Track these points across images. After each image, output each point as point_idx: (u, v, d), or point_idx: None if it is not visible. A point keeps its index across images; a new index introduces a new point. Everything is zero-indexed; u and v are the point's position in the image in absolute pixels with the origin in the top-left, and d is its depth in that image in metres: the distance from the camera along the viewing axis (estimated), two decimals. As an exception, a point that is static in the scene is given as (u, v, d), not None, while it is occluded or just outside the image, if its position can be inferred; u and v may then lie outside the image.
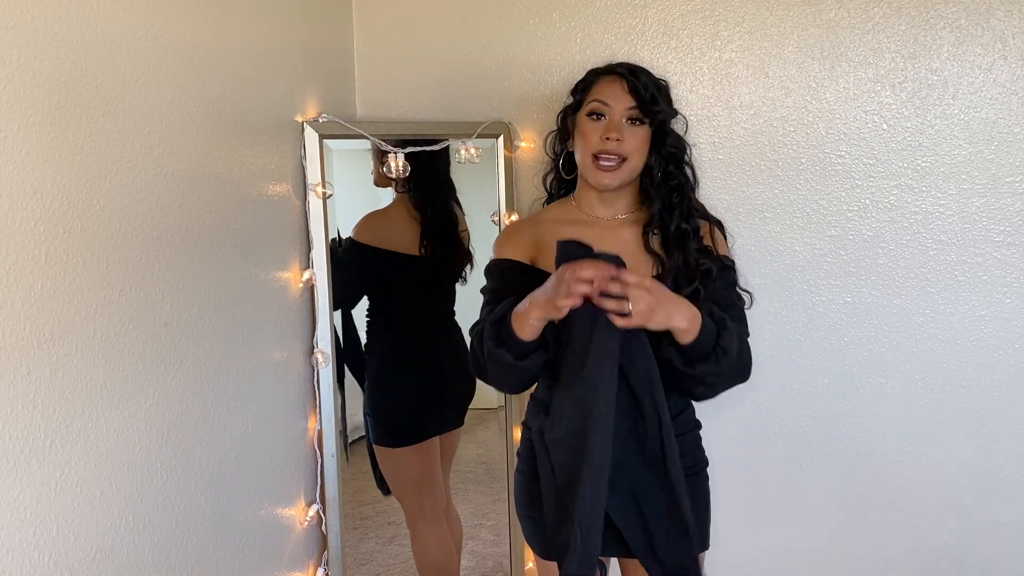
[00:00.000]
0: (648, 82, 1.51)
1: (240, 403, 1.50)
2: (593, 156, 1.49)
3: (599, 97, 1.51)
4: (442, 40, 1.98)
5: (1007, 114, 1.84)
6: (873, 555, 2.04)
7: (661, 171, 1.53)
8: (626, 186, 1.54)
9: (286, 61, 1.69)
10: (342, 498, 1.86)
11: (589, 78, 1.56)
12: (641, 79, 1.50)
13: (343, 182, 1.98)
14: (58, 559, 1.03)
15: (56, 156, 1.01)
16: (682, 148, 1.56)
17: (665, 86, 1.56)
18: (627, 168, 1.50)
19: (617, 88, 1.50)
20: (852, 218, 1.91)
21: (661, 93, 1.52)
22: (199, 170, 1.35)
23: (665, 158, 1.53)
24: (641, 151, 1.50)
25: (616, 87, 1.50)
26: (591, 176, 1.51)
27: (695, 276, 1.48)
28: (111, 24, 1.11)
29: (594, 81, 1.54)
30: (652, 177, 1.53)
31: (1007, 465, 1.96)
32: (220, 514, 1.43)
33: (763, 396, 1.98)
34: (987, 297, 1.90)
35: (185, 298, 1.31)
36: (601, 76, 1.54)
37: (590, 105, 1.52)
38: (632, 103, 1.49)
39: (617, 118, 1.49)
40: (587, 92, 1.54)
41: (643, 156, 1.51)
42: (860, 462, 2.00)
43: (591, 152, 1.50)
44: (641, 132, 1.50)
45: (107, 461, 1.12)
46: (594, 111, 1.51)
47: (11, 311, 0.94)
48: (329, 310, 1.80)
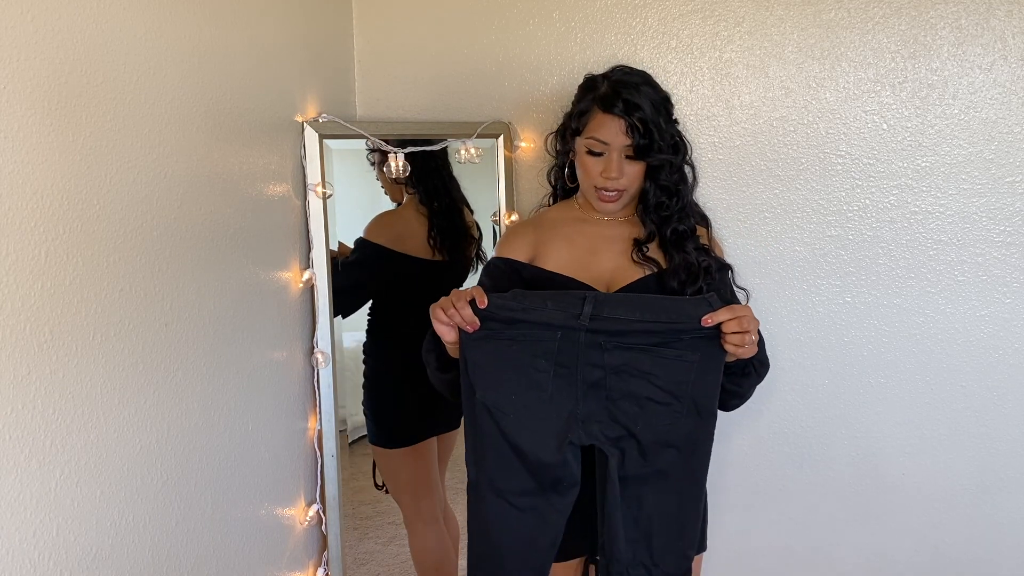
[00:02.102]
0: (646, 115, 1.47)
1: (240, 403, 1.50)
2: (593, 187, 1.54)
3: (597, 136, 1.50)
4: (442, 40, 1.98)
5: (1007, 114, 1.84)
6: (873, 555, 2.04)
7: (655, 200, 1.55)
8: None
9: (286, 61, 1.69)
10: (342, 498, 1.86)
11: (588, 102, 1.53)
12: (636, 115, 1.47)
13: (343, 182, 1.98)
14: (58, 559, 1.03)
15: (56, 156, 1.01)
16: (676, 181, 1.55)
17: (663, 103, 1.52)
18: (626, 196, 1.55)
19: (614, 128, 1.49)
20: (852, 218, 1.91)
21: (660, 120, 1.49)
22: (199, 170, 1.35)
23: (660, 188, 1.55)
24: (639, 177, 1.53)
25: (613, 126, 1.49)
26: (593, 201, 1.57)
27: (699, 275, 1.50)
28: (111, 24, 1.11)
29: (591, 114, 1.52)
30: (647, 203, 1.56)
31: (1007, 465, 1.96)
32: (220, 514, 1.43)
33: (763, 396, 1.97)
34: (987, 297, 1.90)
35: (185, 298, 1.31)
36: (599, 111, 1.51)
37: (588, 142, 1.52)
38: (629, 142, 1.49)
39: (615, 156, 1.50)
40: (586, 123, 1.52)
41: (640, 180, 1.54)
42: (860, 462, 2.00)
43: (592, 184, 1.54)
44: (638, 165, 1.52)
45: (107, 461, 1.12)
46: (592, 149, 1.51)
47: (11, 311, 0.94)
48: (329, 311, 1.80)
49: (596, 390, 1.36)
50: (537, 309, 1.34)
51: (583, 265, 1.54)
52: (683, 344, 1.33)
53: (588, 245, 1.57)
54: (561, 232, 1.59)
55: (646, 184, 1.54)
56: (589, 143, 1.51)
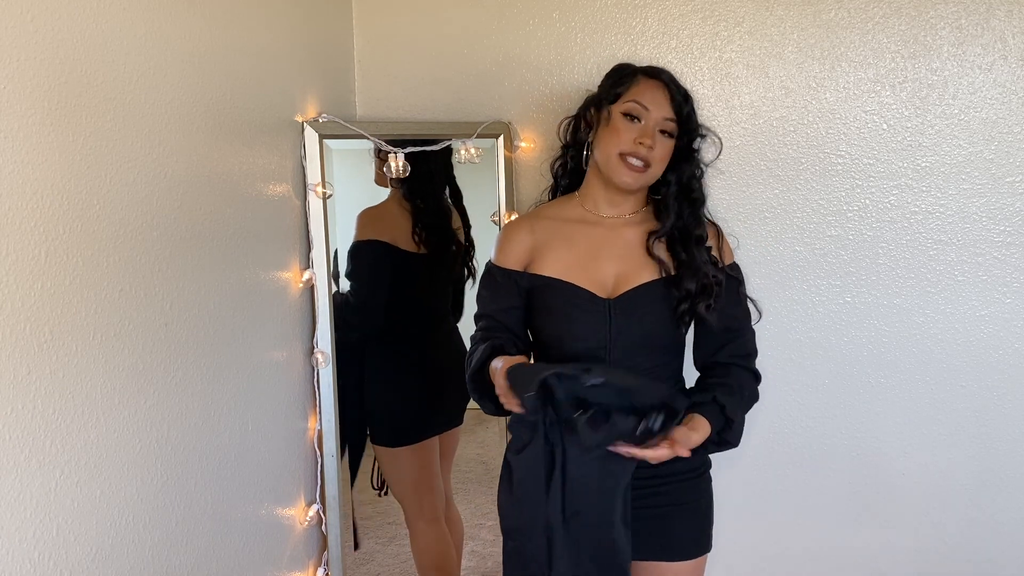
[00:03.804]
0: (687, 94, 1.49)
1: (240, 403, 1.50)
2: (620, 154, 1.46)
3: (640, 99, 1.47)
4: (442, 40, 1.97)
5: (1007, 114, 1.84)
6: (873, 555, 2.04)
7: (676, 187, 1.52)
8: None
9: (286, 61, 1.69)
10: (342, 498, 1.86)
11: (628, 73, 1.51)
12: (680, 91, 1.48)
13: (343, 182, 1.98)
14: (58, 559, 1.03)
15: (56, 156, 1.01)
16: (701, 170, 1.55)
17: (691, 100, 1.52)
18: (649, 174, 1.48)
19: (660, 95, 1.47)
20: (852, 218, 1.91)
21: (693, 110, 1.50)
22: (199, 170, 1.35)
23: (682, 179, 1.52)
24: (664, 161, 1.49)
25: (658, 94, 1.47)
26: (615, 173, 1.47)
27: (710, 291, 1.47)
28: (111, 24, 1.11)
29: (634, 80, 1.50)
30: (667, 192, 1.52)
31: (1007, 465, 1.96)
32: (220, 514, 1.43)
33: (763, 396, 1.95)
34: (987, 297, 1.90)
35: (185, 298, 1.31)
36: (643, 77, 1.50)
37: (628, 105, 1.47)
38: (671, 114, 1.47)
39: (652, 125, 1.46)
40: (626, 88, 1.49)
41: (664, 166, 1.50)
42: (860, 462, 2.00)
43: (620, 150, 1.46)
44: (669, 144, 1.49)
45: (107, 461, 1.12)
46: (631, 112, 1.47)
47: (11, 311, 0.94)
48: (329, 310, 1.80)
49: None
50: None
51: (584, 269, 1.49)
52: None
53: (589, 248, 1.51)
54: (561, 233, 1.53)
55: (669, 176, 1.51)
56: (629, 106, 1.47)
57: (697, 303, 1.47)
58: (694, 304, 1.47)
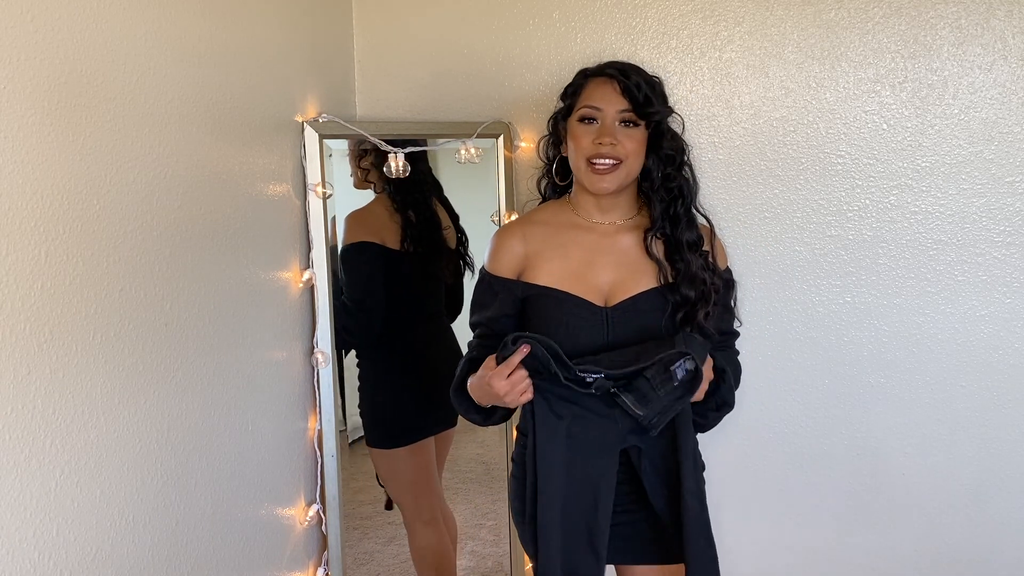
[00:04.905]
0: (640, 81, 1.46)
1: (240, 403, 1.50)
2: (587, 160, 1.45)
3: (589, 102, 1.47)
4: (442, 40, 1.97)
5: (1007, 114, 1.84)
6: (873, 555, 2.04)
7: (660, 173, 1.49)
8: (624, 190, 1.50)
9: (286, 61, 1.69)
10: (342, 498, 1.86)
11: (578, 81, 1.52)
12: (632, 79, 1.45)
13: (343, 182, 1.98)
14: (58, 559, 1.03)
15: (56, 156, 1.01)
16: (680, 148, 1.52)
17: (659, 83, 1.51)
18: (624, 171, 1.46)
19: (608, 90, 1.46)
20: (852, 218, 1.91)
21: (655, 92, 1.48)
22: (199, 170, 1.35)
23: (663, 160, 1.49)
24: (638, 153, 1.46)
25: (607, 89, 1.46)
26: (587, 181, 1.47)
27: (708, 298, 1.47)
28: (111, 24, 1.11)
29: (583, 84, 1.50)
30: (652, 180, 1.50)
31: (1007, 465, 1.96)
32: (220, 514, 1.43)
33: (763, 396, 1.98)
34: (987, 297, 1.90)
35: (185, 298, 1.31)
36: (591, 78, 1.50)
37: (581, 111, 1.47)
38: (625, 105, 1.45)
39: (610, 121, 1.45)
40: (577, 96, 1.50)
41: (640, 158, 1.47)
42: (860, 462, 2.00)
43: (584, 156, 1.45)
44: (636, 134, 1.46)
45: (107, 461, 1.12)
46: (585, 116, 1.46)
47: (11, 311, 0.94)
48: (329, 310, 1.80)
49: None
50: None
51: (580, 278, 1.47)
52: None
53: (584, 256, 1.49)
54: (554, 241, 1.51)
55: (648, 161, 1.48)
56: (583, 111, 1.46)
57: (696, 310, 1.46)
58: (692, 311, 1.46)
